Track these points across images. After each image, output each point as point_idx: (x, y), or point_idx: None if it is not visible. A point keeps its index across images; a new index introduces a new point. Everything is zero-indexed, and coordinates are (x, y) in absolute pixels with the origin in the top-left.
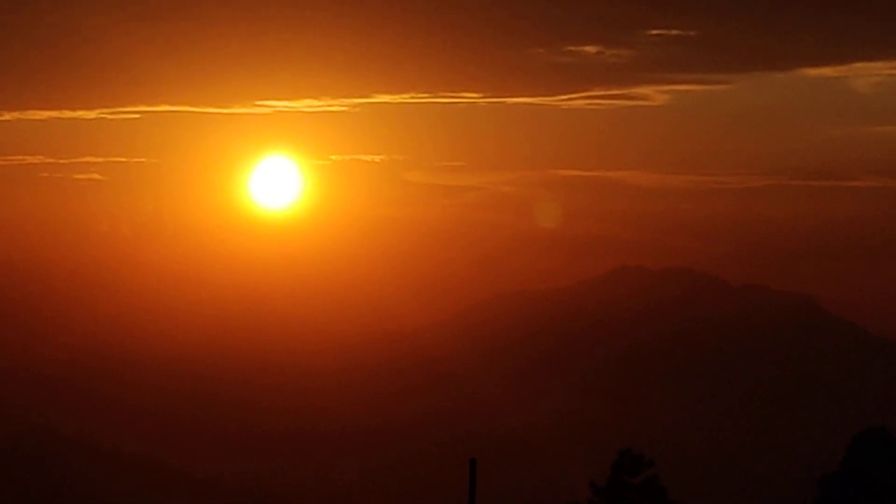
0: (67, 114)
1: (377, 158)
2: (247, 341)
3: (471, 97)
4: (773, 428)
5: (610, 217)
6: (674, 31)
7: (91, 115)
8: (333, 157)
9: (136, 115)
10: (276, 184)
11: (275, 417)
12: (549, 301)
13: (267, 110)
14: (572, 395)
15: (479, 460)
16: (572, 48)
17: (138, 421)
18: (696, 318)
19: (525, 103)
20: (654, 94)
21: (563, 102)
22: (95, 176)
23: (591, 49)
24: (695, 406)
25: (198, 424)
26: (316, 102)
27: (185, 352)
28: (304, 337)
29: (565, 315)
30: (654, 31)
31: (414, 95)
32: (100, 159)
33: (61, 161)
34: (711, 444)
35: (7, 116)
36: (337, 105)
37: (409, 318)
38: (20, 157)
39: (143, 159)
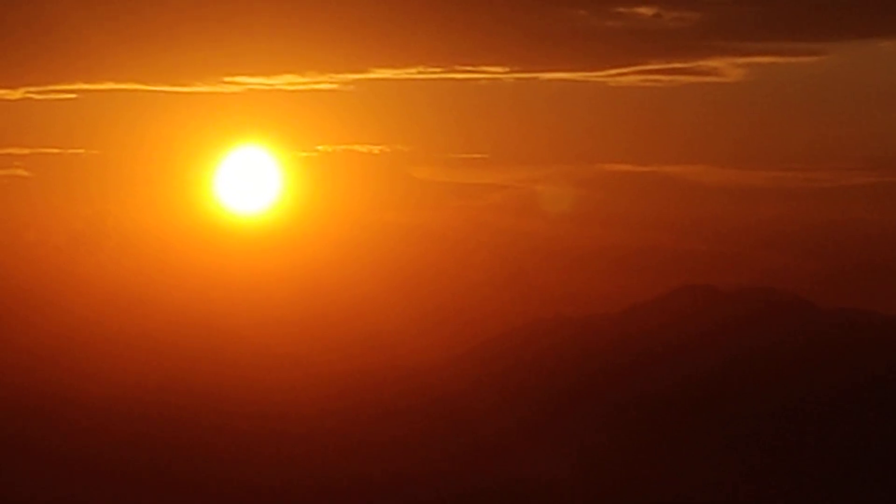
0: None
1: (376, 149)
2: (212, 382)
3: (494, 72)
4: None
5: (670, 224)
6: None
7: (15, 94)
8: (321, 147)
9: (72, 96)
10: (250, 182)
11: (245, 487)
12: (593, 330)
13: (237, 89)
14: (623, 451)
15: None
16: (623, 10)
17: (77, 480)
18: (778, 350)
19: (563, 80)
20: (727, 68)
21: (612, 79)
22: (20, 172)
23: (646, 11)
24: (774, 464)
25: (149, 493)
26: (299, 79)
27: (133, 395)
28: (285, 377)
29: (614, 348)
30: None
31: (422, 70)
32: (26, 151)
33: None
34: None
35: None
36: (325, 82)
37: (418, 352)
38: None
39: (81, 151)
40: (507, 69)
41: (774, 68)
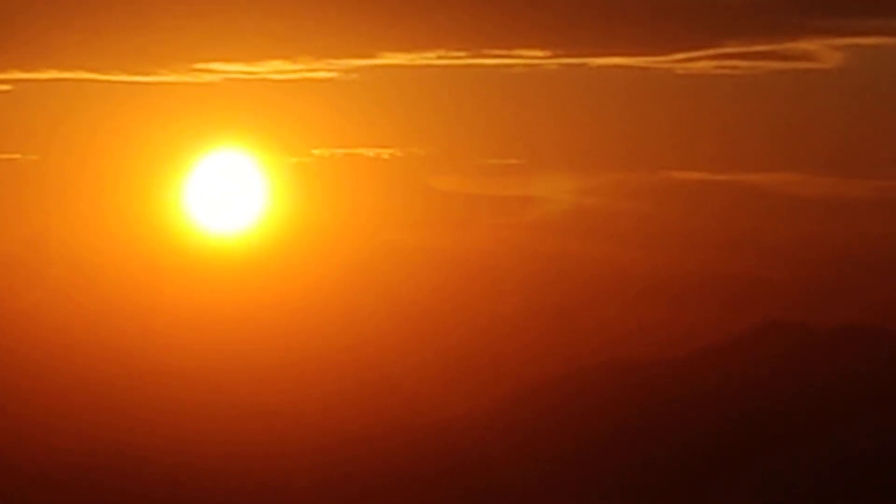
0: None
1: (386, 153)
2: (185, 444)
3: (533, 57)
4: None
5: (753, 245)
6: None
7: None
8: (317, 151)
9: (6, 87)
10: (228, 194)
11: None
12: (657, 377)
13: (213, 78)
14: None
15: None
16: None
17: None
18: (889, 404)
19: (619, 66)
20: (823, 52)
21: (679, 65)
22: None
23: None
24: None
25: None
26: (289, 66)
27: (86, 463)
28: (275, 437)
29: (683, 399)
30: None
31: (443, 54)
32: None
33: None
34: None
35: None
36: (322, 69)
37: (439, 406)
38: None
39: (18, 156)
40: (548, 53)
41: (883, 52)
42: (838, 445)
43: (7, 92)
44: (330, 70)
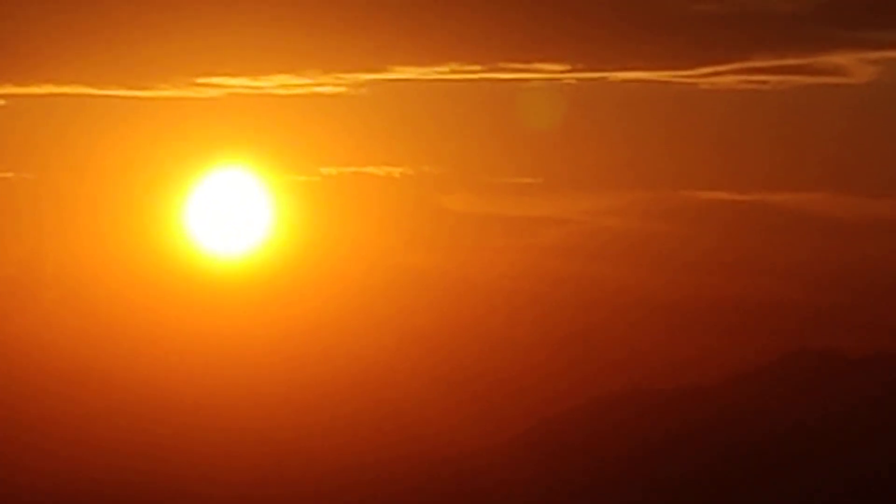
0: None
1: (397, 172)
2: (187, 468)
3: (550, 71)
4: None
5: (781, 269)
6: None
7: None
8: (324, 169)
9: (1, 103)
10: (232, 214)
11: None
12: (682, 407)
13: (215, 93)
14: None
15: None
16: None
17: None
18: None
19: (641, 80)
20: (854, 66)
21: (704, 79)
22: None
23: None
24: None
25: None
26: (295, 80)
27: (85, 485)
28: (281, 470)
29: (709, 429)
30: None
31: (456, 68)
32: None
33: None
34: None
35: None
36: (330, 84)
37: (453, 437)
38: None
39: (11, 174)
40: (567, 67)
41: None
42: (868, 474)
43: (1, 107)
44: (338, 85)
